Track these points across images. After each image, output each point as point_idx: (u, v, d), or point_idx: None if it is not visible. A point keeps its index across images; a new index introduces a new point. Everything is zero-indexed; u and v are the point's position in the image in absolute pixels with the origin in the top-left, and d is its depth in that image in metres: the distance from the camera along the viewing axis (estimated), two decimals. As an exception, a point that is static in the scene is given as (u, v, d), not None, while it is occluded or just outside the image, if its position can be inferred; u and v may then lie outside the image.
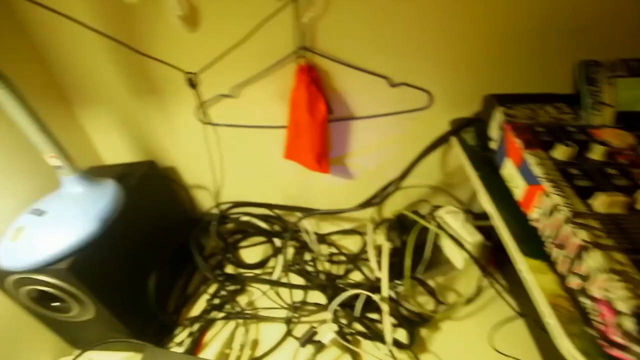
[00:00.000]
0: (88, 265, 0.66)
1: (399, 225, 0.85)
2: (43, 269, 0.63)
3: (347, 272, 0.93)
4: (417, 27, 0.69)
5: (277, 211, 0.99)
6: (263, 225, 0.99)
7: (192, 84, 0.64)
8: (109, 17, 0.65)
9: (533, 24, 0.66)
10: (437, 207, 0.86)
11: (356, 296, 0.80)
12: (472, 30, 0.68)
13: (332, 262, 0.95)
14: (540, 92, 0.65)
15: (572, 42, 0.67)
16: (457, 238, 0.78)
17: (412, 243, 0.80)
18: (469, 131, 0.74)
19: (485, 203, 0.57)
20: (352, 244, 1.01)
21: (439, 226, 0.81)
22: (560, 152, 0.48)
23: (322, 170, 0.84)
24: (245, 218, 0.98)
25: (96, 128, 0.91)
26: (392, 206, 0.95)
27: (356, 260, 0.93)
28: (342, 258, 0.96)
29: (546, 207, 0.44)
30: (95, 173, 0.77)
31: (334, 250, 0.98)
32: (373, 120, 0.82)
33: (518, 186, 0.52)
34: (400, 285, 0.82)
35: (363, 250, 0.95)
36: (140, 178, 0.83)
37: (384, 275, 0.76)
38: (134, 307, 0.79)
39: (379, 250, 0.88)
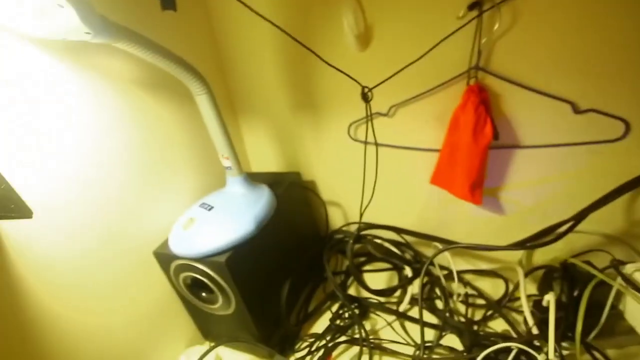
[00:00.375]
0: (240, 262, 0.69)
1: (565, 276, 0.72)
2: (204, 259, 0.67)
3: (486, 318, 0.81)
4: (618, 44, 0.59)
5: (411, 238, 0.94)
6: (396, 251, 0.94)
7: (367, 99, 0.64)
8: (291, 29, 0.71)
9: None
10: (618, 261, 0.70)
11: (502, 349, 0.69)
12: None
13: (467, 303, 0.85)
14: None
15: None
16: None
17: (585, 300, 0.66)
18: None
19: None
20: (489, 287, 0.89)
21: (627, 285, 0.65)
22: None
23: (474, 201, 0.76)
24: (377, 241, 0.95)
25: (251, 137, 0.99)
26: (550, 252, 0.82)
27: (500, 306, 0.81)
28: (481, 301, 0.85)
29: None
30: (250, 178, 0.82)
31: (470, 290, 0.88)
32: (543, 151, 0.72)
33: None
34: (566, 349, 0.68)
35: (506, 297, 0.83)
36: (287, 187, 0.86)
37: (550, 334, 0.64)
38: (266, 311, 0.80)
39: (533, 301, 0.75)
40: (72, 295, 0.60)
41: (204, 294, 0.75)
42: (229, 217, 0.71)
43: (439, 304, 0.86)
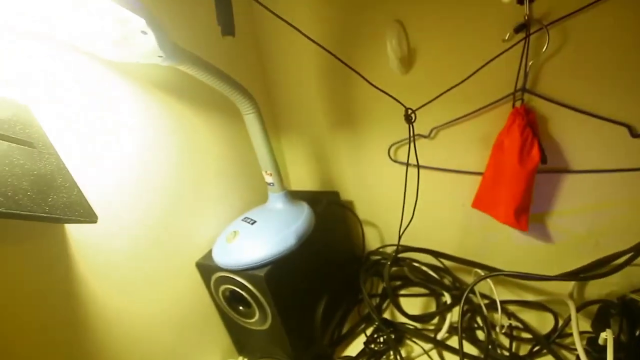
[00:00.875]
0: (278, 277, 0.70)
1: (625, 313, 0.66)
2: (243, 272, 0.69)
3: (533, 354, 0.76)
4: None
5: (450, 263, 0.91)
6: (434, 276, 0.91)
7: (410, 120, 0.65)
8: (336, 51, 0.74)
9: None
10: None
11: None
12: None
13: (511, 336, 0.80)
14: None
15: None
16: None
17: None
18: None
19: None
20: (536, 320, 0.83)
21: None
22: None
23: (520, 227, 0.73)
24: (415, 265, 0.93)
25: (292, 155, 1.02)
26: (605, 285, 0.76)
27: (549, 342, 0.76)
28: (527, 335, 0.80)
29: None
30: (291, 195, 0.84)
31: (514, 322, 0.82)
32: (596, 176, 0.69)
33: None
34: (626, 393, 0.62)
35: (555, 332, 0.77)
36: (326, 206, 0.87)
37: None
38: (301, 329, 0.80)
39: (587, 338, 0.70)
40: (122, 296, 0.64)
41: (241, 308, 0.76)
42: (271, 231, 0.73)
43: (480, 335, 0.82)
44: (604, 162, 0.67)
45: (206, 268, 0.75)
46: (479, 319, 0.85)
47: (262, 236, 0.72)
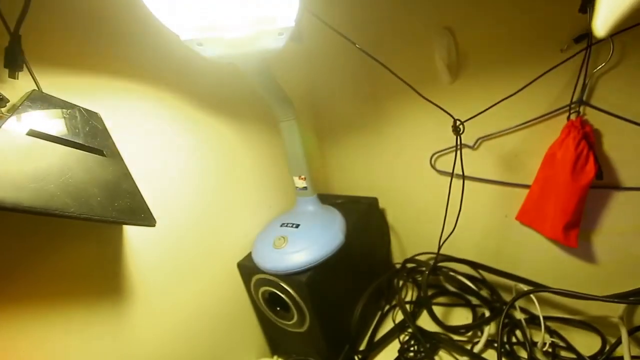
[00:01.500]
0: (318, 283, 0.71)
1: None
2: (286, 276, 0.70)
3: (576, 375, 0.73)
4: None
5: (490, 276, 0.88)
6: (473, 287, 0.89)
7: (458, 131, 0.64)
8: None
9: None
10: None
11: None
12: None
13: (554, 355, 0.77)
14: None
15: None
16: None
17: None
18: None
19: None
20: (580, 340, 0.80)
21: None
22: None
23: (568, 243, 0.70)
24: (453, 275, 0.91)
25: (334, 160, 1.03)
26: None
27: (595, 364, 0.73)
28: (570, 355, 0.77)
29: None
30: (328, 200, 0.85)
31: (556, 341, 0.80)
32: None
33: None
34: None
35: (602, 354, 0.74)
36: (364, 211, 0.88)
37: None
38: (337, 333, 0.81)
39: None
40: (167, 294, 0.67)
41: (279, 309, 0.78)
42: (318, 233, 0.75)
43: (519, 351, 0.80)
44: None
45: (247, 269, 0.77)
46: (518, 334, 0.83)
47: (311, 238, 0.73)
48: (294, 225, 0.75)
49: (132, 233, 0.59)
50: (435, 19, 0.72)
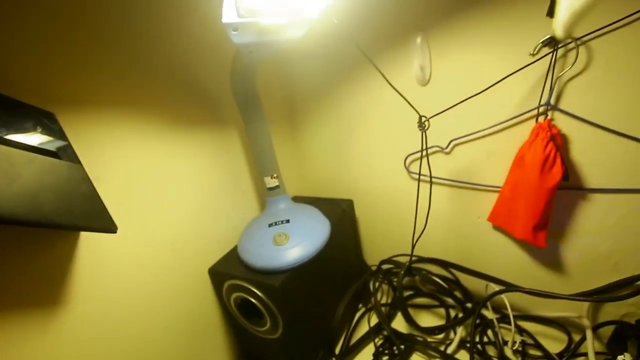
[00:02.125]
0: (292, 286, 0.69)
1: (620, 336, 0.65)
2: (257, 280, 0.68)
3: (544, 373, 0.75)
4: None
5: (463, 277, 0.89)
6: (447, 287, 0.90)
7: (423, 127, 0.64)
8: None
9: None
10: None
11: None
12: None
13: (523, 353, 0.78)
14: None
15: None
16: None
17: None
18: None
19: None
20: (548, 338, 0.81)
21: None
22: None
23: (537, 243, 0.72)
24: (427, 276, 0.91)
25: (309, 163, 1.01)
26: (622, 307, 0.74)
27: (562, 361, 0.74)
28: (538, 353, 0.78)
29: None
30: (305, 201, 0.84)
31: (526, 339, 0.81)
32: (620, 196, 0.67)
33: None
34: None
35: (568, 351, 0.76)
36: (340, 214, 0.86)
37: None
38: (312, 338, 0.79)
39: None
40: (129, 301, 0.63)
41: (252, 316, 0.75)
42: (311, 225, 0.75)
43: (490, 351, 0.81)
44: (628, 181, 0.66)
45: (218, 275, 0.74)
46: (490, 334, 0.84)
47: (307, 229, 0.73)
48: (285, 221, 0.73)
49: (90, 239, 0.56)
50: (411, 22, 0.72)
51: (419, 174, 0.74)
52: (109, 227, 0.44)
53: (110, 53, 0.58)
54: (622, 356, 0.63)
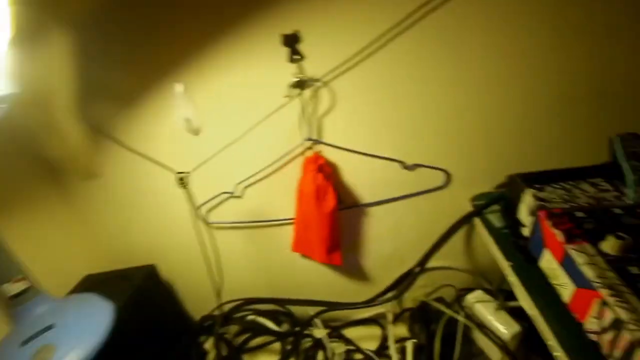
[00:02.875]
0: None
1: (422, 316, 0.77)
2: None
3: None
4: (431, 110, 0.70)
5: (289, 306, 0.91)
6: (269, 324, 0.90)
7: (183, 184, 0.62)
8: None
9: (553, 94, 0.66)
10: (465, 291, 0.78)
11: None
12: (488, 109, 0.69)
13: (348, 360, 0.84)
14: (570, 165, 0.61)
15: (596, 108, 0.67)
16: (490, 329, 0.70)
17: (438, 342, 0.71)
18: (495, 210, 0.68)
19: (524, 301, 0.50)
20: (368, 337, 0.90)
21: (469, 317, 0.72)
22: (613, 246, 0.43)
23: (334, 262, 0.78)
24: (251, 317, 0.90)
25: (102, 226, 0.87)
26: (415, 290, 0.87)
27: (379, 357, 0.82)
28: (360, 356, 0.85)
29: (607, 321, 0.38)
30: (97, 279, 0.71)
31: (350, 347, 0.87)
32: (388, 205, 0.79)
33: (564, 285, 0.46)
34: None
35: (384, 345, 0.85)
36: (140, 282, 0.77)
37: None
38: None
39: (402, 346, 0.78)
40: None
41: None
42: (81, 322, 0.61)
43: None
44: (390, 192, 0.77)
45: None
46: (322, 352, 0.87)
47: (82, 326, 0.60)
48: (46, 329, 0.57)
49: None
50: (171, 76, 0.69)
51: (208, 223, 0.72)
52: None
53: None
54: (407, 342, 0.73)
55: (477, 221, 0.69)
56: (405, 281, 0.81)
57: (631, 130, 0.61)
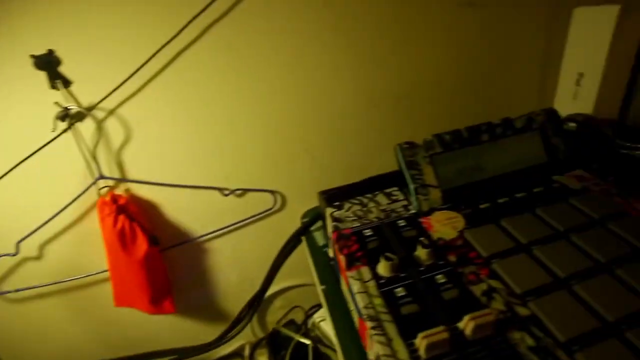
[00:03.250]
0: None
1: (273, 343, 0.73)
2: None
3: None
4: (239, 130, 0.64)
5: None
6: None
7: None
8: None
9: (360, 101, 0.66)
10: (310, 313, 0.75)
11: None
12: (302, 121, 0.66)
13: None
14: (375, 174, 0.58)
15: (397, 113, 0.68)
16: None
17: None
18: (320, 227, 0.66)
19: (329, 327, 0.48)
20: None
21: (316, 337, 0.70)
22: (384, 267, 0.42)
23: (164, 311, 0.68)
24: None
25: None
26: (272, 314, 0.83)
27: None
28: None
29: (373, 354, 0.36)
30: None
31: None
32: (223, 234, 0.72)
33: (353, 312, 0.44)
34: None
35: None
36: None
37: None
38: None
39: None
40: None
41: None
42: None
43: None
44: (218, 221, 0.70)
45: None
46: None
47: None
48: None
49: None
50: None
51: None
52: None
53: None
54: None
55: (304, 241, 0.66)
56: (251, 308, 0.75)
57: (435, 132, 0.63)
